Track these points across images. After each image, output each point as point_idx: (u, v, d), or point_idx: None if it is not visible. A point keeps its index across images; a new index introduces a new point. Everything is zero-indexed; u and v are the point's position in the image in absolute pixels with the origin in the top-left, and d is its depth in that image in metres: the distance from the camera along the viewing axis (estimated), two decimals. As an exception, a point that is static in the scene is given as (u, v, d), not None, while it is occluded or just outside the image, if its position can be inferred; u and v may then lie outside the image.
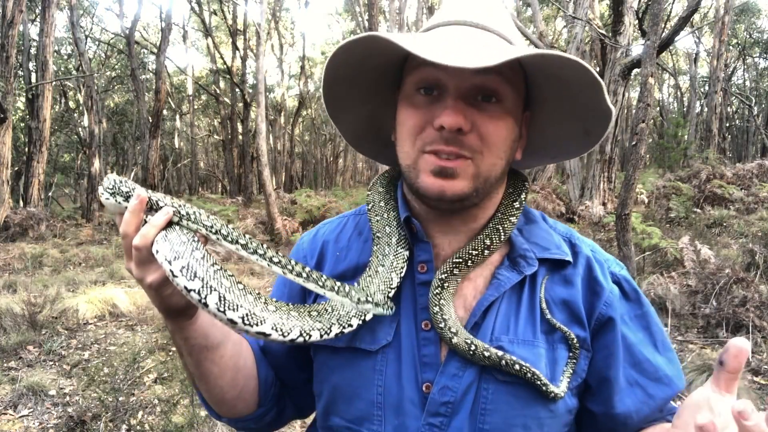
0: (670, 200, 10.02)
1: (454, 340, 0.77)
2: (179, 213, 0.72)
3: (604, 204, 10.33)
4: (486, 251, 0.82)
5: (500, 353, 0.76)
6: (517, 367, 0.76)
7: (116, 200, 0.73)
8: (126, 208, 0.72)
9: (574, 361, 0.81)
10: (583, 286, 0.85)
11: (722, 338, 4.49)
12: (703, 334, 4.67)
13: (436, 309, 0.79)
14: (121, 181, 0.73)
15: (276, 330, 0.73)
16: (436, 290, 0.80)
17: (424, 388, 0.79)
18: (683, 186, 10.70)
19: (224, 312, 0.69)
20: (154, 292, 0.72)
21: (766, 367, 4.02)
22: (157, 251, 0.69)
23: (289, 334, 0.74)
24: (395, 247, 0.84)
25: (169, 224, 0.71)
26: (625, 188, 4.04)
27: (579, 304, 0.83)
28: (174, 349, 4.76)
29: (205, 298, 0.68)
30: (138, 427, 3.34)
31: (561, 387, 0.78)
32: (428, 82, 0.77)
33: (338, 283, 0.75)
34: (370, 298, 0.73)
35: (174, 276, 0.67)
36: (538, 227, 0.89)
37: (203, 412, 3.34)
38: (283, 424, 0.99)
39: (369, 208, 0.91)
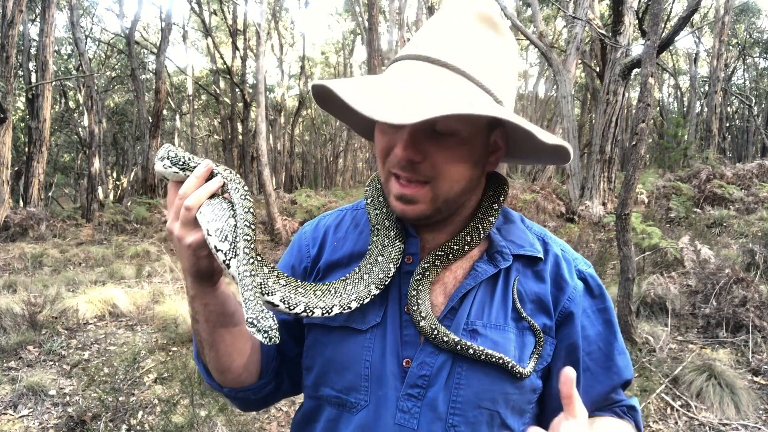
0: (670, 200, 10.02)
1: (422, 323, 0.87)
2: (226, 186, 0.83)
3: (604, 204, 10.33)
4: (466, 247, 0.91)
5: (457, 339, 0.85)
6: (471, 351, 0.85)
7: (180, 170, 0.84)
8: (182, 176, 0.83)
9: (540, 346, 0.90)
10: (551, 280, 0.94)
11: (722, 338, 4.49)
12: (703, 334, 4.67)
13: (414, 293, 0.89)
14: (190, 157, 0.84)
15: (283, 302, 0.82)
16: (417, 277, 0.89)
17: (404, 363, 0.88)
18: (683, 186, 10.69)
19: None
20: (192, 253, 0.80)
21: (766, 367, 4.02)
22: (201, 212, 0.79)
23: (294, 308, 0.82)
24: (393, 240, 0.92)
25: (214, 195, 0.81)
26: (625, 188, 4.03)
27: (547, 296, 0.92)
28: (174, 349, 4.76)
29: (230, 260, 0.77)
30: (138, 427, 3.35)
31: (528, 367, 0.88)
32: None
33: (259, 295, 0.76)
34: (257, 323, 0.73)
35: (208, 234, 0.78)
36: (516, 227, 0.98)
37: (203, 412, 3.34)
38: (278, 399, 1.07)
39: (368, 202, 0.98)
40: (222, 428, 3.22)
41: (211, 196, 0.81)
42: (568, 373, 0.75)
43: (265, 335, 0.72)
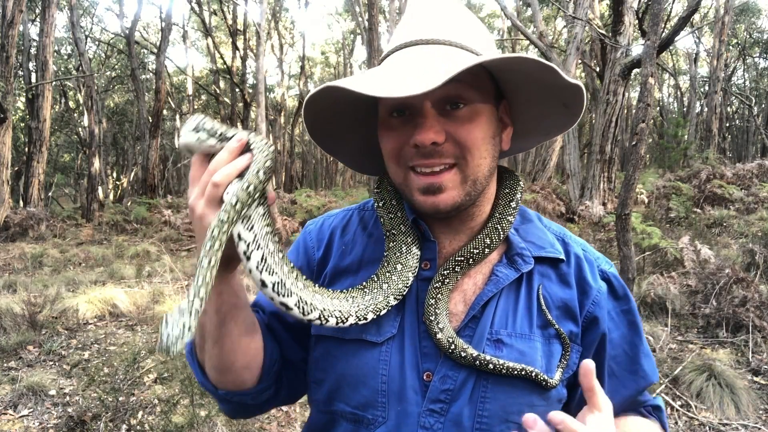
0: (670, 200, 10.01)
1: (438, 335, 0.81)
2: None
3: (604, 204, 10.33)
4: (486, 250, 0.86)
5: (475, 354, 0.80)
6: (490, 366, 0.80)
7: (218, 141, 0.75)
8: (218, 149, 0.75)
9: (567, 356, 0.86)
10: (575, 284, 0.89)
11: (722, 338, 4.49)
12: (703, 334, 4.67)
13: (432, 302, 0.83)
14: (226, 128, 0.76)
15: (298, 307, 0.76)
16: (436, 284, 0.84)
17: (425, 377, 0.83)
18: (683, 186, 10.69)
19: (261, 271, 0.72)
20: None
21: (766, 367, 4.02)
22: (227, 192, 0.71)
23: (309, 314, 0.77)
24: (410, 246, 0.87)
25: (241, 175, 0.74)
26: (625, 188, 4.03)
27: (574, 302, 0.88)
28: (174, 349, 4.76)
29: (251, 252, 0.72)
30: (138, 427, 3.34)
31: (555, 377, 0.83)
32: (397, 105, 0.81)
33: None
34: (168, 325, 0.64)
35: None
36: (534, 227, 0.93)
37: (203, 412, 3.34)
38: (273, 407, 1.01)
39: (380, 204, 0.92)
40: (222, 428, 3.22)
41: (241, 175, 0.73)
42: (588, 365, 0.73)
43: (164, 338, 0.62)
